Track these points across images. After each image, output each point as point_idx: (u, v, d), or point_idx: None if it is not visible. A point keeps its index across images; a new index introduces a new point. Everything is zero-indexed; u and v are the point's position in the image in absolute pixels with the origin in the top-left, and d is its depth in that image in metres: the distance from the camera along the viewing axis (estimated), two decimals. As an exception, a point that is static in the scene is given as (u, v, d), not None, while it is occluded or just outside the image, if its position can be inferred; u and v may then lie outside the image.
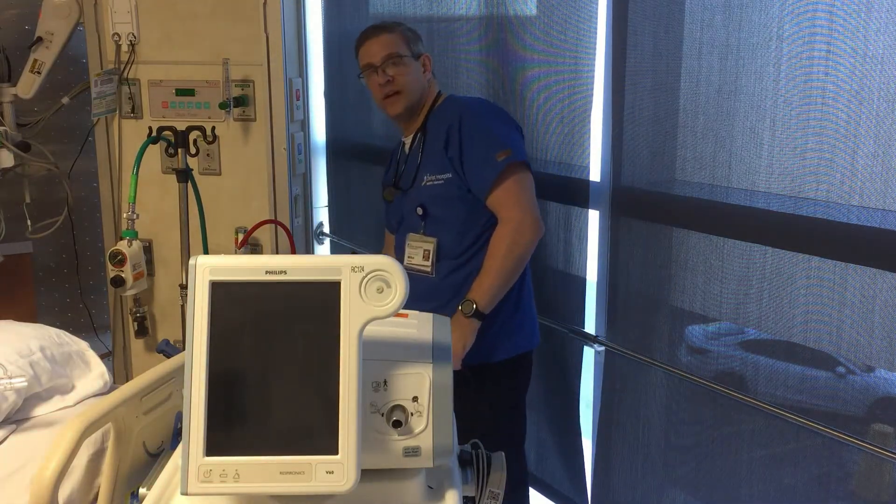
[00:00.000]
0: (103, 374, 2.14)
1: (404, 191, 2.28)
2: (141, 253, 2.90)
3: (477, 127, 2.14)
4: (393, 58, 2.21)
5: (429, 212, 2.20)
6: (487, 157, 2.09)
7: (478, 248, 2.16)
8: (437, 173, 2.19)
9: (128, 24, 3.04)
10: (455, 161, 2.14)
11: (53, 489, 1.26)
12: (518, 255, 2.09)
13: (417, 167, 2.24)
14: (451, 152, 2.15)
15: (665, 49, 1.93)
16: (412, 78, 2.23)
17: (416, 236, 2.23)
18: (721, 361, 1.93)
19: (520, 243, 2.08)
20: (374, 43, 2.24)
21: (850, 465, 1.67)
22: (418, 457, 1.00)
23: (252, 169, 3.10)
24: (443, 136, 2.17)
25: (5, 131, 2.93)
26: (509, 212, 2.09)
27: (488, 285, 2.07)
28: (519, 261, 2.10)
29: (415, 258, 2.22)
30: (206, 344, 0.91)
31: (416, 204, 2.22)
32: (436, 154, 2.19)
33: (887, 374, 1.60)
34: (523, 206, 2.09)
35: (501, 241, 2.08)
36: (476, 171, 2.12)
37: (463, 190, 2.15)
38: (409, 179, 2.27)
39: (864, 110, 1.53)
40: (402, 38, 2.24)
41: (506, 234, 2.08)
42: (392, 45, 2.22)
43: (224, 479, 0.90)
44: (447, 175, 2.17)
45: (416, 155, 2.27)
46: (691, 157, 1.90)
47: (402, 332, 1.10)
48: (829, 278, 1.63)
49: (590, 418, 2.29)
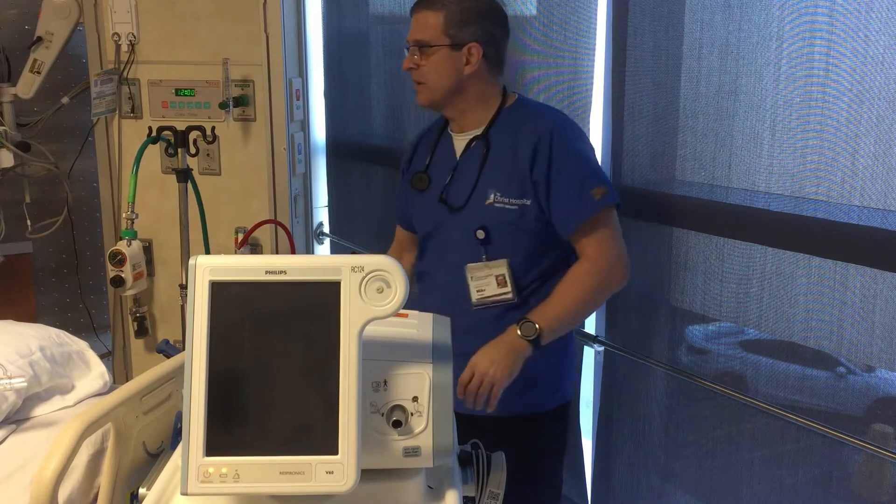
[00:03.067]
0: (103, 374, 2.14)
1: (454, 207, 1.92)
2: (141, 253, 2.90)
3: (571, 153, 1.84)
4: (420, 44, 1.88)
5: (492, 237, 1.88)
6: (583, 192, 1.80)
7: (539, 285, 1.90)
8: (511, 196, 1.85)
9: (128, 23, 3.04)
10: (540, 186, 1.83)
11: (53, 489, 1.26)
12: (599, 298, 1.91)
13: (477, 180, 1.89)
14: (536, 175, 1.83)
15: (665, 49, 1.93)
16: (439, 72, 1.88)
17: (478, 265, 1.89)
18: (721, 361, 1.93)
19: (607, 287, 1.87)
20: (416, 18, 1.90)
21: (850, 465, 1.66)
22: (418, 457, 1.00)
23: (252, 169, 3.10)
24: (526, 152, 1.84)
25: (5, 131, 2.93)
26: (602, 251, 1.83)
27: (556, 315, 1.80)
28: (596, 304, 1.95)
29: (487, 290, 1.89)
30: (206, 344, 0.91)
31: (477, 225, 1.88)
32: (509, 171, 1.86)
33: (887, 374, 1.60)
34: (618, 250, 1.85)
35: (588, 277, 1.83)
36: (565, 203, 1.83)
37: (540, 221, 1.85)
38: (462, 193, 1.91)
39: (865, 110, 1.53)
40: (445, 19, 1.85)
41: (596, 271, 1.83)
42: (426, 29, 1.87)
43: (224, 480, 0.90)
44: (525, 201, 1.84)
45: (472, 164, 1.91)
46: (691, 157, 1.90)
47: (402, 332, 1.10)
48: (830, 278, 1.62)
49: (590, 418, 2.29)
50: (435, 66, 1.88)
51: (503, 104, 1.93)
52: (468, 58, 1.87)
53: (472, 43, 1.86)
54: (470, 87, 1.90)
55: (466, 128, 1.95)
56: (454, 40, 1.86)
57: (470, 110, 1.93)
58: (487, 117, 1.92)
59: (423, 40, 1.88)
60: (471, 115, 1.93)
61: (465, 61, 1.87)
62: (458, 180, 1.93)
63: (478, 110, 1.92)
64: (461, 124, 1.96)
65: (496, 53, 1.92)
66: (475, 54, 1.87)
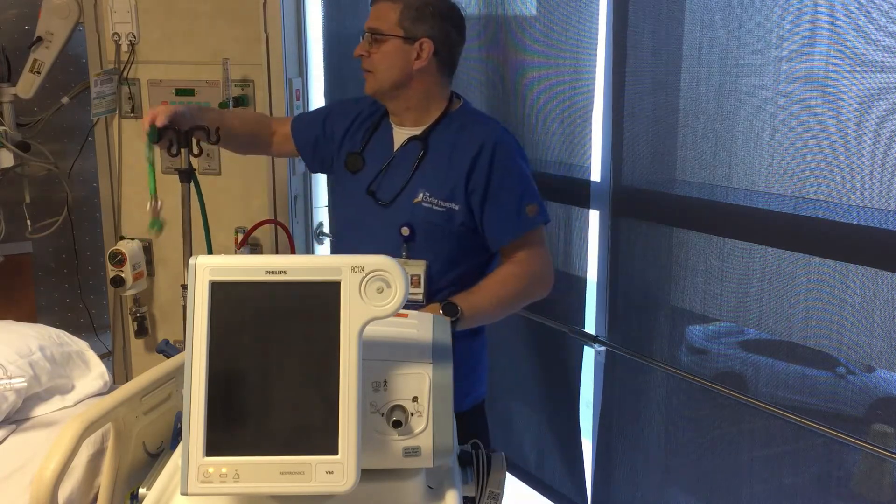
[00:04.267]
0: (103, 374, 2.14)
1: (381, 202, 1.93)
2: (141, 253, 2.90)
3: (514, 169, 1.88)
4: (374, 32, 1.90)
5: (416, 235, 1.89)
6: (520, 210, 1.86)
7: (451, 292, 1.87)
8: (440, 198, 1.88)
9: (128, 23, 3.03)
10: (475, 195, 1.86)
11: (53, 489, 1.26)
12: (517, 304, 1.95)
13: (409, 178, 1.91)
14: (473, 184, 1.86)
15: (665, 49, 1.93)
16: (388, 62, 1.89)
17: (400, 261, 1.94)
18: (721, 361, 1.93)
19: (530, 294, 1.92)
20: (375, 7, 1.94)
21: (850, 465, 1.66)
22: (418, 457, 1.00)
23: (252, 169, 3.10)
24: (465, 159, 1.86)
25: (5, 131, 2.93)
26: (531, 261, 1.89)
27: (480, 306, 1.82)
28: (513, 308, 1.95)
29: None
30: (206, 344, 0.91)
31: (402, 222, 1.89)
32: (444, 174, 1.88)
33: (887, 374, 1.60)
34: (546, 263, 1.92)
35: (515, 280, 1.88)
36: (502, 219, 1.87)
37: (466, 227, 1.88)
38: (392, 189, 1.92)
39: (864, 110, 1.53)
40: (401, 12, 1.88)
41: (522, 276, 1.88)
42: (382, 19, 1.90)
43: (224, 480, 0.90)
44: (454, 205, 1.87)
45: (407, 162, 1.93)
46: (691, 157, 1.90)
47: (402, 332, 1.11)
48: (830, 278, 1.63)
49: (590, 418, 2.29)
50: (385, 56, 1.89)
51: (448, 108, 1.95)
52: (419, 52, 1.88)
53: (424, 38, 1.88)
54: (417, 82, 1.91)
55: (406, 123, 1.97)
56: (408, 33, 1.88)
57: (413, 108, 1.94)
58: (430, 119, 1.94)
59: (377, 29, 1.90)
60: (413, 112, 1.95)
61: (416, 55, 1.88)
62: (390, 175, 1.94)
63: (421, 109, 1.94)
64: (402, 119, 1.97)
65: (448, 55, 1.94)
66: (426, 50, 1.88)
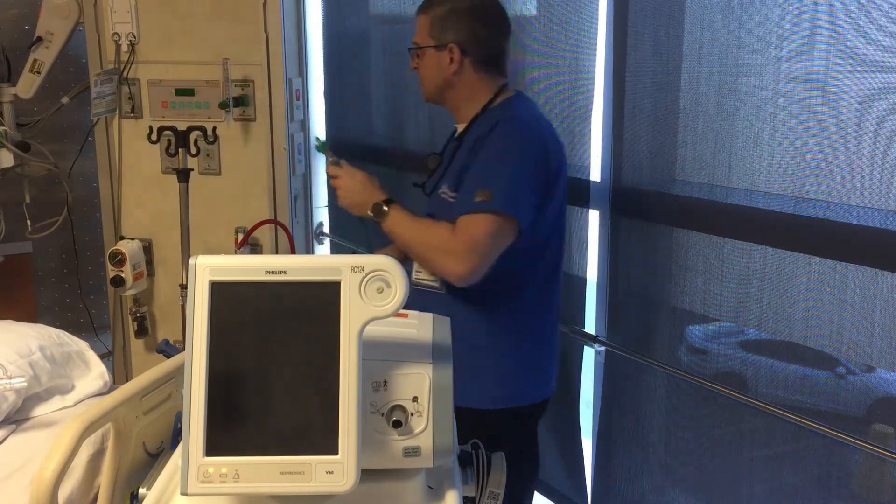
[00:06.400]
0: (103, 374, 2.14)
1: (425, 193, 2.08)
2: (141, 253, 2.90)
3: (491, 151, 1.85)
4: (414, 48, 2.03)
5: None
6: (472, 190, 1.81)
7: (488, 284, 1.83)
8: (451, 189, 1.93)
9: (127, 23, 3.04)
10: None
11: (53, 489, 1.26)
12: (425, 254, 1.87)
13: (444, 173, 2.02)
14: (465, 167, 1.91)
15: (665, 49, 1.93)
16: (429, 71, 2.00)
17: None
18: (721, 361, 1.93)
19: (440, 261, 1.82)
20: (417, 22, 2.03)
21: (850, 465, 1.66)
22: (418, 457, 1.00)
23: (252, 169, 3.10)
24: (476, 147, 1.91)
25: (5, 131, 2.93)
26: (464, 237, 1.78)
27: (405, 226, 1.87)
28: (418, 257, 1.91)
29: (423, 273, 1.95)
30: (206, 344, 0.91)
31: (427, 214, 1.99)
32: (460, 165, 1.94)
33: (887, 374, 1.60)
34: (471, 249, 1.78)
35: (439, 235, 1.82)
36: (464, 191, 1.85)
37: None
38: (433, 182, 2.06)
39: (865, 110, 1.53)
40: (430, 22, 1.97)
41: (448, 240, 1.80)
42: (419, 31, 2.01)
43: (224, 480, 0.89)
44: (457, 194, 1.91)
45: (448, 157, 2.05)
46: (691, 157, 1.90)
47: (402, 332, 1.10)
48: (830, 278, 1.63)
49: (590, 418, 2.29)
50: (426, 67, 2.02)
51: (493, 101, 1.97)
52: (451, 57, 1.96)
53: (451, 44, 1.96)
54: (458, 84, 1.99)
55: (460, 121, 2.07)
56: (438, 41, 1.97)
57: (462, 106, 2.03)
58: (474, 113, 2.00)
59: (415, 42, 2.03)
60: (463, 110, 2.03)
61: (449, 60, 1.97)
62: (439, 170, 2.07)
63: (468, 106, 2.01)
64: (458, 117, 2.08)
65: (480, 51, 1.97)
66: (455, 54, 1.96)
